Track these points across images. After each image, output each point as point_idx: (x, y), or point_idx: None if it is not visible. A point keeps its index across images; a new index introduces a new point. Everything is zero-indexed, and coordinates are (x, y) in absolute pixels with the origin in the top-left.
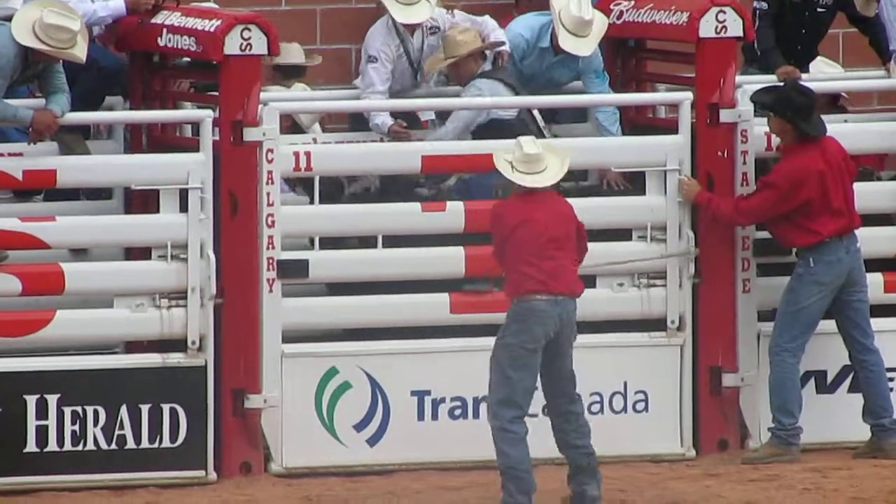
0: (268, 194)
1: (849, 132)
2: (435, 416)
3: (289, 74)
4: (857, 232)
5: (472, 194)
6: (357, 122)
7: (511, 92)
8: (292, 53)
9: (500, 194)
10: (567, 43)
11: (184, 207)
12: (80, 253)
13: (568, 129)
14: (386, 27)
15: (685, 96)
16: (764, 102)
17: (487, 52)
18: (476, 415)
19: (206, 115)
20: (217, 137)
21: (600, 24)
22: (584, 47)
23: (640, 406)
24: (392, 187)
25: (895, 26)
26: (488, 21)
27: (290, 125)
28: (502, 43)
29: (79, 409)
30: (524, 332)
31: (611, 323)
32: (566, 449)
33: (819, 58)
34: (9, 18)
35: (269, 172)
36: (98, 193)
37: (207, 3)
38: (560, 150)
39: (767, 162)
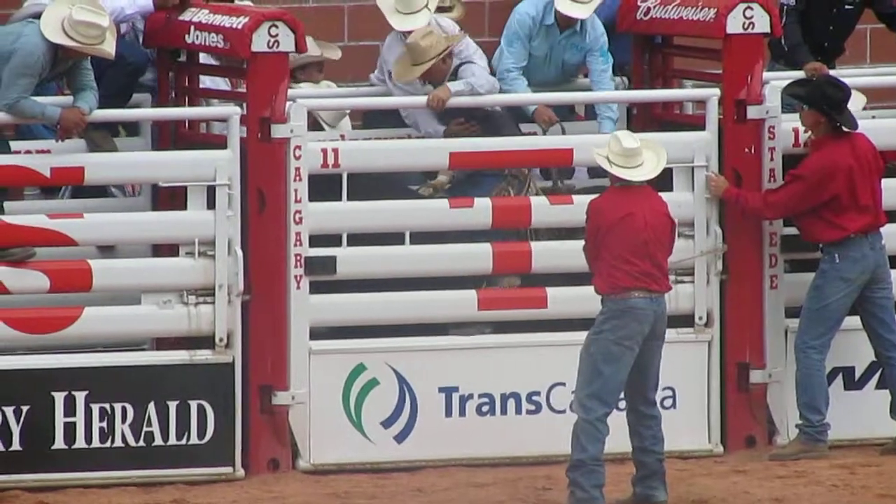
0: (295, 191)
1: (878, 128)
2: (463, 413)
3: (305, 69)
4: (882, 229)
5: (467, 192)
6: (372, 120)
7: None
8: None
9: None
10: (563, 4)
11: (211, 204)
12: (107, 250)
13: (576, 127)
14: (399, 41)
15: (712, 93)
16: (798, 95)
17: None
18: (504, 411)
19: (234, 112)
20: (245, 134)
21: None
22: (581, 11)
23: (668, 402)
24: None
25: None
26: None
27: (312, 122)
28: (463, 35)
29: (107, 405)
30: (621, 328)
31: None
32: (641, 453)
33: None
34: (38, 16)
35: (297, 169)
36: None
37: None
38: (656, 145)
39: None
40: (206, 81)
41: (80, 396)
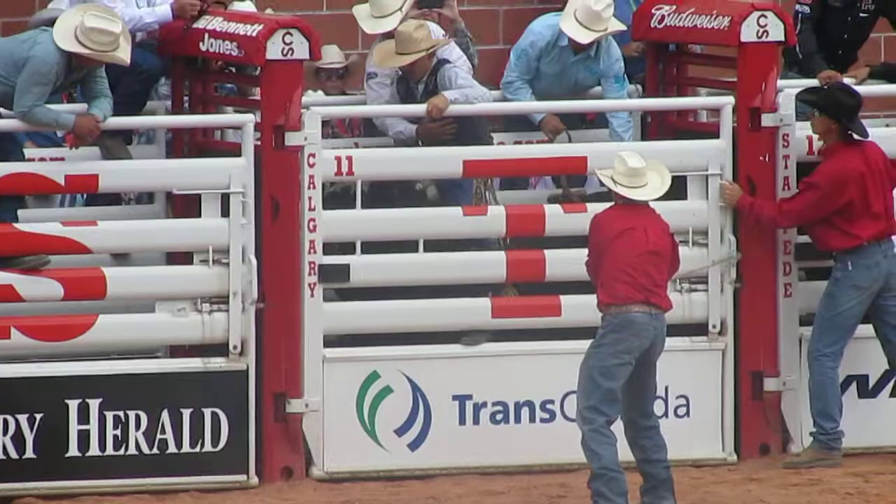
0: (309, 199)
1: (891, 137)
2: (476, 421)
3: (330, 76)
4: (894, 237)
5: (449, 198)
6: (371, 129)
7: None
8: (330, 55)
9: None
10: (567, 25)
11: (225, 212)
12: (121, 257)
13: (584, 134)
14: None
15: (727, 100)
16: (811, 101)
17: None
18: (518, 419)
19: (248, 120)
20: (259, 142)
21: (612, 27)
22: (584, 35)
23: (682, 411)
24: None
25: None
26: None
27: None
28: (448, 41)
29: (120, 413)
30: (621, 342)
31: None
32: (645, 464)
33: None
34: (53, 22)
35: (311, 177)
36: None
37: (243, 2)
38: (661, 167)
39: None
40: None
41: (94, 404)
